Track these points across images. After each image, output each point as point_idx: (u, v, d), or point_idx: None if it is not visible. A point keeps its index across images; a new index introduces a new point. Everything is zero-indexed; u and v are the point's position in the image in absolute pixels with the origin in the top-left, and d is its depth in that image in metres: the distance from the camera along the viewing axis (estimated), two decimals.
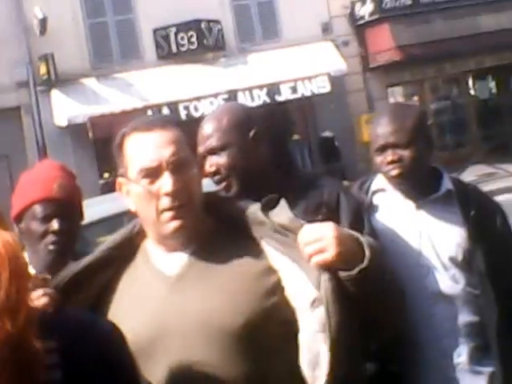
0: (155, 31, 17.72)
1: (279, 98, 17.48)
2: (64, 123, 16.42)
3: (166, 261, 1.98)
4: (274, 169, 2.52)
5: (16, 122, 16.65)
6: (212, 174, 2.46)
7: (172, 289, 1.94)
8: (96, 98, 16.74)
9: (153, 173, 1.92)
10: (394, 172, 2.64)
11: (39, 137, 16.26)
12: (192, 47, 17.69)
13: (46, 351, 1.42)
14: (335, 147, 18.07)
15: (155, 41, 17.79)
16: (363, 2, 19.15)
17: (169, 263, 1.97)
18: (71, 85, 16.64)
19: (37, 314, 1.49)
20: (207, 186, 2.15)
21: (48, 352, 1.43)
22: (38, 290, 1.80)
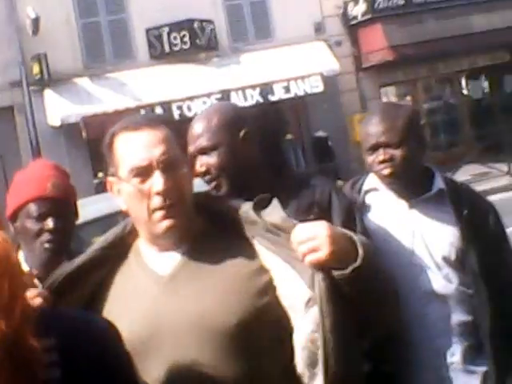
0: (148, 31, 17.68)
1: (272, 98, 17.46)
2: (57, 123, 16.38)
3: (159, 260, 1.98)
4: (266, 168, 2.52)
5: (9, 122, 16.61)
6: (202, 174, 2.46)
7: (165, 289, 1.94)
8: (89, 97, 16.70)
9: (143, 172, 1.92)
10: (386, 171, 2.64)
11: (33, 136, 16.21)
12: (185, 47, 17.66)
13: (44, 349, 1.42)
14: (328, 147, 18.07)
15: (148, 40, 17.75)
16: (356, 1, 19.15)
17: (161, 263, 1.97)
18: (64, 84, 16.61)
19: (33, 313, 1.49)
20: (199, 185, 2.15)
21: (46, 350, 1.43)
22: (31, 290, 1.80)
